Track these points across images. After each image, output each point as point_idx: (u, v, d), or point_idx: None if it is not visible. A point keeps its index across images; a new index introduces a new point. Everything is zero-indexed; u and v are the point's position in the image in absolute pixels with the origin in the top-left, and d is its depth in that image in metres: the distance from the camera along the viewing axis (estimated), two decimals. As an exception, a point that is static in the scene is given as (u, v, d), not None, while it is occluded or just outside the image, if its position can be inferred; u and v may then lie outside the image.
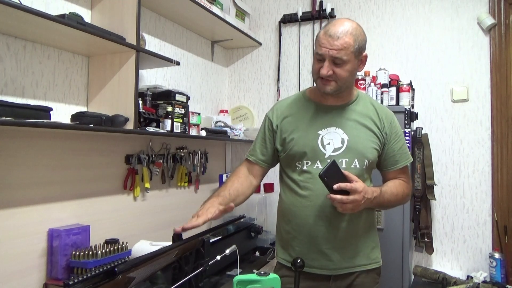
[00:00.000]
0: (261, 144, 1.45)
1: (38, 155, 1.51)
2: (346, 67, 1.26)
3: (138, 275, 0.90)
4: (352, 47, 1.24)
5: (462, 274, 2.26)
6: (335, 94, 1.33)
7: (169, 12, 2.21)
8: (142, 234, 1.99)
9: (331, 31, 1.24)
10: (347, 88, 1.35)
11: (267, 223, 2.52)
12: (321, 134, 1.33)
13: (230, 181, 1.40)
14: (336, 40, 1.22)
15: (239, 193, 1.37)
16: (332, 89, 1.29)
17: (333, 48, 1.22)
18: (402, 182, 1.40)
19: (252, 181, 1.45)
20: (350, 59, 1.25)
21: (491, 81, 2.28)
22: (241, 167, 1.47)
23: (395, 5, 2.54)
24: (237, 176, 1.42)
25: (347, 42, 1.23)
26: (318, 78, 1.30)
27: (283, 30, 2.82)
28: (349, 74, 1.28)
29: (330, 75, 1.26)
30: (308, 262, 1.30)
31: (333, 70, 1.25)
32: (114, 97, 1.69)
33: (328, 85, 1.29)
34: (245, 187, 1.40)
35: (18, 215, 1.44)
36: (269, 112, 1.48)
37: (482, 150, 2.30)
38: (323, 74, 1.25)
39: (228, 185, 1.37)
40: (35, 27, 1.36)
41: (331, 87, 1.29)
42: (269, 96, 2.86)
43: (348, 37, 1.23)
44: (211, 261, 1.14)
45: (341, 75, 1.26)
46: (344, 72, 1.26)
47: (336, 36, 1.22)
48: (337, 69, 1.25)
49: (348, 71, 1.27)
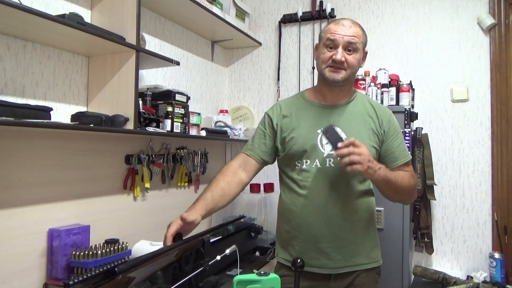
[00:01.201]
0: (260, 140, 1.44)
1: (38, 155, 1.51)
2: (357, 56, 1.31)
3: (138, 275, 0.90)
4: (362, 37, 1.32)
5: (462, 274, 2.26)
6: (341, 85, 1.34)
7: (169, 12, 2.21)
8: (142, 234, 1.99)
9: (343, 22, 1.32)
10: (350, 82, 1.38)
11: (267, 223, 2.51)
12: (320, 134, 1.34)
13: (216, 180, 1.33)
14: (349, 28, 1.30)
15: (224, 193, 1.31)
16: (343, 77, 1.31)
17: (347, 34, 1.28)
18: (407, 172, 1.37)
19: (243, 177, 1.39)
20: (360, 48, 1.31)
21: (491, 81, 2.28)
22: (232, 162, 1.41)
23: (395, 5, 2.54)
24: (223, 174, 1.36)
25: (358, 31, 1.32)
26: (327, 67, 1.32)
27: (283, 30, 2.82)
28: (357, 64, 1.32)
29: (343, 61, 1.29)
30: (308, 261, 1.30)
31: (345, 57, 1.29)
32: (114, 97, 1.69)
33: (338, 73, 1.31)
34: (232, 186, 1.34)
35: (18, 215, 1.44)
36: (269, 110, 1.48)
37: (482, 150, 2.30)
38: (338, 59, 1.28)
39: (213, 186, 1.31)
40: (35, 27, 1.36)
41: (341, 75, 1.31)
42: (269, 96, 2.86)
43: (359, 27, 1.33)
44: (211, 261, 1.14)
45: (352, 63, 1.30)
46: (354, 61, 1.31)
47: (348, 25, 1.30)
48: (349, 56, 1.30)
49: (357, 60, 1.32)
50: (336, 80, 1.31)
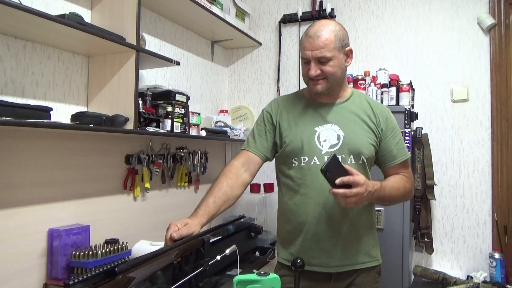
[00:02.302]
0: (261, 137, 1.43)
1: (38, 155, 1.51)
2: (332, 63, 1.29)
3: (138, 275, 0.90)
4: (333, 42, 1.27)
5: (462, 274, 2.26)
6: (327, 92, 1.34)
7: (169, 12, 2.21)
8: (142, 234, 1.99)
9: (311, 32, 1.29)
10: (339, 85, 1.37)
11: (267, 223, 2.52)
12: (317, 131, 1.34)
13: (219, 184, 1.30)
14: (317, 39, 1.26)
15: (227, 197, 1.28)
16: (324, 87, 1.31)
17: (314, 48, 1.27)
18: (403, 177, 1.39)
19: (246, 178, 1.37)
20: (334, 55, 1.28)
21: (491, 81, 2.28)
22: (235, 162, 1.38)
23: (395, 5, 2.54)
24: (226, 177, 1.32)
25: (328, 38, 1.27)
26: (309, 80, 1.33)
27: (283, 30, 2.82)
28: (336, 69, 1.30)
29: (318, 74, 1.29)
30: (309, 261, 1.30)
31: (320, 69, 1.28)
32: (114, 97, 1.69)
33: (318, 84, 1.31)
34: (235, 189, 1.31)
35: (18, 215, 1.44)
36: (267, 107, 1.48)
37: (482, 150, 2.30)
38: (312, 75, 1.29)
39: (215, 190, 1.28)
40: (35, 27, 1.36)
41: (321, 85, 1.31)
42: (269, 96, 2.86)
43: (328, 33, 1.27)
44: (211, 261, 1.14)
45: (329, 71, 1.29)
46: (332, 68, 1.29)
47: (316, 35, 1.27)
48: (324, 67, 1.29)
49: (335, 66, 1.29)
50: (318, 91, 1.33)
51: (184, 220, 1.14)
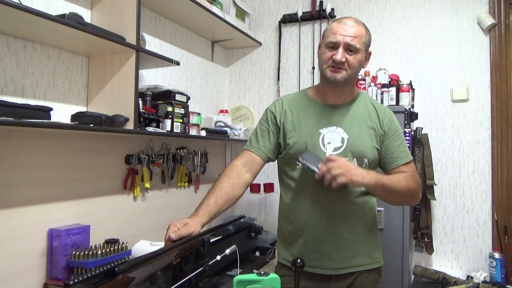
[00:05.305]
0: (264, 137, 1.41)
1: (38, 155, 1.51)
2: (358, 57, 1.30)
3: (138, 275, 0.90)
4: (364, 37, 1.31)
5: (462, 274, 2.26)
6: (342, 85, 1.33)
7: (169, 12, 2.21)
8: (142, 234, 1.99)
9: (345, 21, 1.30)
10: (352, 82, 1.37)
11: (267, 223, 2.52)
12: (322, 133, 1.33)
13: (220, 183, 1.29)
14: (351, 27, 1.29)
15: (229, 197, 1.27)
16: (343, 78, 1.30)
17: (348, 34, 1.27)
18: (407, 175, 1.35)
19: (248, 178, 1.35)
20: (362, 48, 1.30)
21: (491, 81, 2.28)
22: (237, 162, 1.37)
23: (395, 5, 2.54)
24: (228, 177, 1.31)
25: (361, 31, 1.30)
26: (328, 67, 1.31)
27: (283, 30, 2.82)
28: (358, 64, 1.31)
29: (343, 62, 1.28)
30: (310, 262, 1.30)
31: (346, 58, 1.28)
32: (114, 97, 1.69)
33: (339, 73, 1.30)
34: (236, 189, 1.30)
35: (18, 215, 1.44)
36: (271, 106, 1.46)
37: (482, 150, 2.30)
38: (337, 59, 1.27)
39: (216, 190, 1.27)
40: (35, 27, 1.36)
41: (342, 75, 1.30)
42: (269, 96, 2.86)
43: (362, 26, 1.31)
44: (211, 261, 1.14)
45: (352, 63, 1.29)
46: (356, 61, 1.29)
47: (350, 24, 1.29)
48: (350, 57, 1.29)
49: (359, 61, 1.31)
50: (336, 80, 1.30)
51: (184, 220, 1.13)
